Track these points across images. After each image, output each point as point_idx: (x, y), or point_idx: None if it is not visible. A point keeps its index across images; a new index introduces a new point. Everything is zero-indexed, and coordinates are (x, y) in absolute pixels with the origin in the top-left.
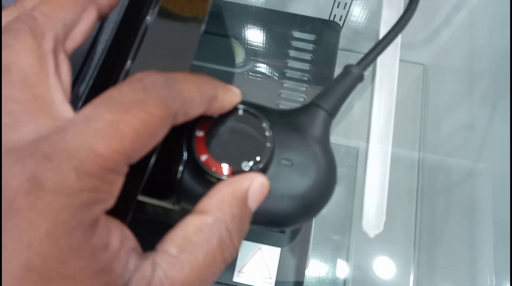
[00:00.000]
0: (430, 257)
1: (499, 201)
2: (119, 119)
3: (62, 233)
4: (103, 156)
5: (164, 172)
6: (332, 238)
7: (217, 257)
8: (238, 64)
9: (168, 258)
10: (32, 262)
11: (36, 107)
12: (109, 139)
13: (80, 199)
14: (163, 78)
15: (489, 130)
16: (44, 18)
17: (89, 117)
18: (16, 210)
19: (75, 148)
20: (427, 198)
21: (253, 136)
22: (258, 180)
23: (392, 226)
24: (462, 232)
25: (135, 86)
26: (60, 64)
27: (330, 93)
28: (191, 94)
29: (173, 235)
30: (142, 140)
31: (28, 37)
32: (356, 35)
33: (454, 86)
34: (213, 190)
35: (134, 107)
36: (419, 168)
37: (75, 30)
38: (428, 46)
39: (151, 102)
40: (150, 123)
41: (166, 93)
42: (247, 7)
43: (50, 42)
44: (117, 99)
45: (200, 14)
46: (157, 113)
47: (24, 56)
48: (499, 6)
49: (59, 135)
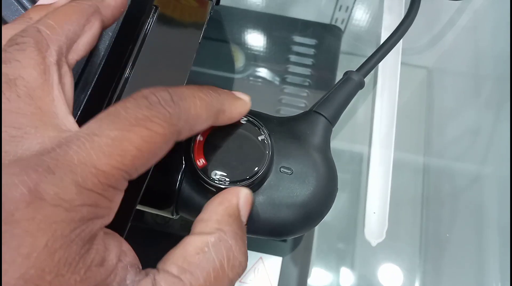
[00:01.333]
0: (435, 266)
1: (504, 207)
2: (122, 136)
3: (60, 247)
4: (104, 172)
5: (163, 182)
6: (336, 246)
7: (219, 277)
8: (238, 69)
9: (169, 278)
10: (29, 274)
11: (41, 119)
12: (111, 156)
13: (79, 214)
14: (169, 95)
15: (495, 134)
16: (49, 30)
17: (93, 133)
18: (16, 222)
19: (77, 163)
20: (432, 205)
21: (252, 144)
22: (243, 193)
23: (396, 233)
24: (468, 239)
25: (140, 103)
26: (63, 76)
27: (330, 100)
28: (197, 111)
29: (173, 255)
30: (144, 157)
31: (33, 50)
32: (357, 40)
33: (459, 89)
34: (205, 211)
35: (138, 124)
36: (424, 173)
37: (79, 42)
38: (432, 50)
39: (155, 120)
40: (154, 141)
41: (171, 111)
42: (247, 12)
43: (54, 54)
44: (121, 116)
45: (200, 20)
46: (161, 131)
47: (29, 69)
48: (502, 9)
49: (62, 149)
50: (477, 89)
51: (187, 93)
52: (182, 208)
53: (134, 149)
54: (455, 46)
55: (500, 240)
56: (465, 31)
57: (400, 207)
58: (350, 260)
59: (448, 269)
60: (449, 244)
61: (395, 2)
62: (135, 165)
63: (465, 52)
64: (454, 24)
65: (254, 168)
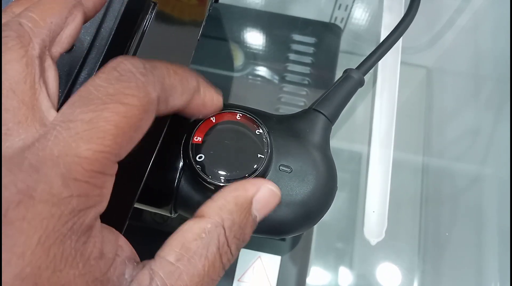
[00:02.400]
0: (434, 266)
1: (503, 207)
2: (97, 117)
3: (54, 242)
4: (87, 158)
5: (161, 180)
6: (334, 245)
7: (216, 263)
8: (237, 67)
9: (167, 266)
10: (25, 272)
11: (24, 114)
12: (91, 140)
13: (69, 206)
14: (140, 63)
15: (494, 134)
16: (31, 23)
17: (67, 119)
18: (9, 222)
19: (58, 154)
20: (431, 205)
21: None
22: (266, 187)
23: (396, 233)
24: (467, 239)
25: (110, 76)
26: (46, 70)
27: (329, 98)
28: (171, 81)
29: (172, 242)
30: (125, 134)
31: (15, 44)
32: (357, 38)
33: (458, 89)
34: (216, 195)
35: (111, 101)
36: (423, 173)
37: (62, 35)
38: (431, 49)
39: (128, 91)
40: (132, 115)
41: (144, 80)
42: (246, 10)
43: (37, 47)
44: (93, 95)
45: (199, 17)
46: (137, 103)
47: (11, 63)
48: (502, 8)
49: (41, 143)
50: (477, 89)
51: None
52: (180, 206)
53: (113, 128)
54: (455, 46)
55: (499, 240)
56: (465, 30)
57: (399, 206)
58: (349, 259)
59: (447, 269)
60: (449, 243)
61: (395, 1)
62: (119, 144)
63: (465, 52)
64: (454, 23)
65: (253, 166)
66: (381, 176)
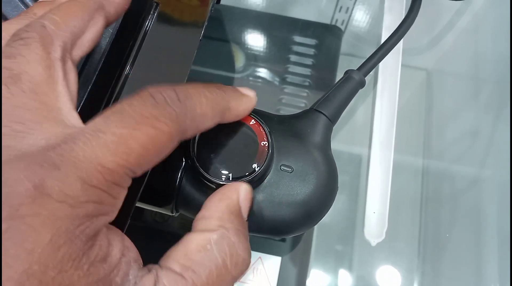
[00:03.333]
0: (434, 267)
1: (503, 209)
2: (128, 134)
3: (64, 243)
4: (109, 169)
5: (163, 179)
6: (334, 247)
7: (222, 274)
8: (238, 69)
9: (171, 275)
10: (32, 269)
11: (45, 115)
12: (117, 154)
13: (84, 210)
14: (175, 94)
15: (494, 136)
16: (53, 26)
17: (98, 130)
18: (21, 217)
19: (83, 159)
20: (431, 206)
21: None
22: (243, 189)
23: (395, 235)
24: (467, 241)
25: (146, 101)
26: (67, 72)
27: (331, 99)
28: (203, 109)
29: (175, 252)
30: (149, 155)
31: (38, 46)
32: (358, 40)
33: (458, 91)
34: (207, 208)
35: (144, 123)
36: (423, 175)
37: (83, 38)
38: (431, 51)
39: (162, 119)
40: (159, 140)
41: (178, 111)
42: (247, 11)
43: (59, 50)
44: (128, 114)
45: (200, 19)
46: (167, 130)
47: (34, 65)
48: (502, 11)
49: (68, 145)
50: (476, 91)
51: (193, 92)
52: (182, 206)
53: (140, 147)
54: (455, 48)
55: (499, 242)
56: (465, 33)
57: (399, 208)
58: (349, 261)
59: (447, 270)
60: (448, 245)
61: (395, 3)
62: (140, 163)
63: (465, 54)
64: (454, 26)
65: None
66: (381, 178)
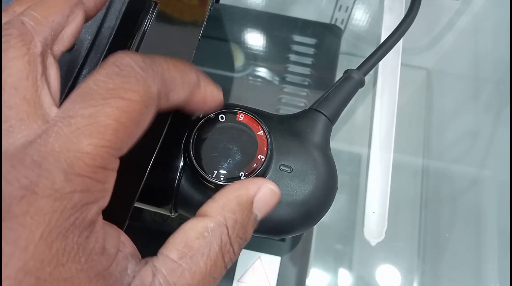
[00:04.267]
0: (434, 267)
1: (503, 209)
2: (98, 112)
3: (56, 237)
4: (88, 154)
5: (161, 179)
6: (334, 247)
7: (218, 262)
8: (237, 68)
9: (169, 264)
10: (28, 266)
11: (25, 110)
12: (92, 135)
13: (71, 201)
14: (140, 57)
15: (494, 137)
16: (33, 22)
17: (68, 115)
18: (13, 216)
19: (59, 150)
20: (431, 206)
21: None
22: (267, 186)
23: (395, 235)
24: (466, 241)
25: (110, 71)
26: (48, 68)
27: (330, 98)
28: (171, 75)
29: (175, 240)
30: (127, 129)
31: (17, 42)
32: (357, 39)
33: (458, 91)
34: (218, 194)
35: (111, 95)
36: (423, 175)
37: (63, 34)
38: (431, 51)
39: (128, 86)
40: (132, 110)
41: (144, 74)
42: (247, 11)
43: (39, 45)
44: (93, 91)
45: (199, 18)
46: (137, 98)
47: (14, 61)
48: (502, 11)
49: (42, 139)
50: (476, 92)
51: (160, 58)
52: (181, 206)
53: (114, 122)
54: (455, 48)
55: (498, 242)
56: (465, 33)
57: (399, 208)
58: (349, 260)
59: (447, 270)
60: (448, 245)
61: (395, 3)
62: (120, 139)
63: (464, 54)
64: (454, 25)
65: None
66: (381, 177)
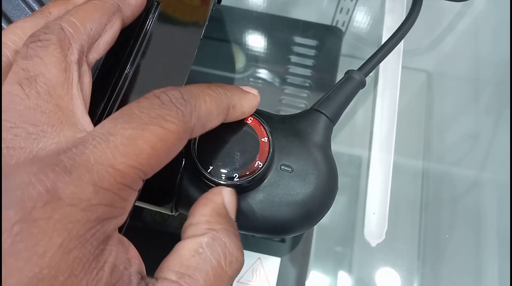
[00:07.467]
0: (434, 268)
1: (503, 211)
2: (137, 135)
3: (75, 247)
4: (120, 171)
5: (162, 178)
6: (334, 248)
7: (219, 274)
8: (238, 69)
9: (169, 285)
10: (43, 273)
11: (59, 118)
12: (127, 155)
13: (95, 213)
14: (179, 93)
15: (494, 139)
16: (72, 29)
17: (108, 132)
18: (33, 220)
19: (93, 162)
20: (431, 208)
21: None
22: (226, 191)
23: (395, 237)
24: (466, 243)
25: (153, 102)
26: (82, 75)
27: (331, 99)
28: (207, 107)
29: (169, 262)
30: (159, 156)
31: (56, 48)
32: (358, 41)
33: (458, 94)
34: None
35: (152, 123)
36: (423, 177)
37: (99, 42)
38: (432, 53)
39: (169, 118)
40: (168, 140)
41: (183, 109)
42: (248, 12)
43: (76, 53)
44: (136, 115)
45: (201, 19)
46: (175, 129)
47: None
48: (503, 14)
49: (78, 149)
50: (477, 94)
51: (197, 91)
52: (181, 205)
53: (149, 148)
54: (455, 50)
55: (498, 244)
56: (466, 35)
57: (399, 209)
58: (349, 261)
59: (447, 272)
60: (448, 246)
61: (396, 4)
62: (150, 164)
63: (465, 56)
64: (455, 28)
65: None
66: (381, 179)
